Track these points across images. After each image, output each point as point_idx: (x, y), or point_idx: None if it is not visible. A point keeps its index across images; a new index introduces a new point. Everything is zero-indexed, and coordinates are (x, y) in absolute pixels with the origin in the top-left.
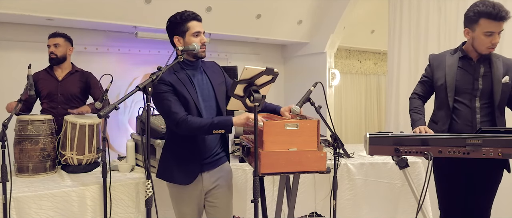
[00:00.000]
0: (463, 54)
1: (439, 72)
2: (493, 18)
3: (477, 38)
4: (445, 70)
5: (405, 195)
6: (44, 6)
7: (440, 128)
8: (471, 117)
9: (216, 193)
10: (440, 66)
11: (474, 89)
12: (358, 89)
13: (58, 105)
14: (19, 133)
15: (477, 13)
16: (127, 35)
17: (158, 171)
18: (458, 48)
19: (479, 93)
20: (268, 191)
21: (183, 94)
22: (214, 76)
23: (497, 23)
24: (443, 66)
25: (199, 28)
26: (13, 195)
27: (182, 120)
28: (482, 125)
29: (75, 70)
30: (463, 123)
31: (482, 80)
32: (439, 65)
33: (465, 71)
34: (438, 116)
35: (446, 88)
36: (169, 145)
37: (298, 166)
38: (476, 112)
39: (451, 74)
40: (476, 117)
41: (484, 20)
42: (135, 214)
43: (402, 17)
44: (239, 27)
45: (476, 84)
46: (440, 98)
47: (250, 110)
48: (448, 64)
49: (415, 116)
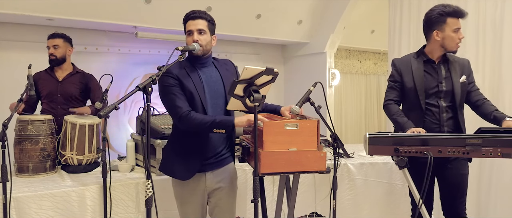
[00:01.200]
0: (426, 58)
1: (407, 76)
2: (459, 16)
3: (448, 37)
4: (413, 74)
5: (405, 195)
6: (44, 6)
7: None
8: (439, 116)
9: (219, 194)
10: (406, 70)
11: (439, 91)
12: (358, 89)
13: (57, 106)
14: (19, 133)
15: (444, 13)
16: (127, 35)
17: (161, 164)
18: (419, 52)
19: (443, 94)
20: (268, 191)
21: (189, 89)
22: (226, 75)
23: (460, 20)
24: (410, 70)
25: (191, 27)
26: (13, 195)
27: (184, 115)
28: (447, 122)
29: (76, 71)
30: (431, 121)
31: (445, 82)
32: (406, 69)
33: (429, 75)
34: (410, 117)
35: (417, 91)
36: (173, 140)
37: (298, 166)
38: (442, 111)
39: (419, 78)
40: (442, 115)
41: (451, 19)
42: (135, 214)
43: (402, 17)
44: (239, 27)
45: (440, 87)
46: (410, 100)
47: (250, 110)
48: (414, 68)
49: (401, 119)
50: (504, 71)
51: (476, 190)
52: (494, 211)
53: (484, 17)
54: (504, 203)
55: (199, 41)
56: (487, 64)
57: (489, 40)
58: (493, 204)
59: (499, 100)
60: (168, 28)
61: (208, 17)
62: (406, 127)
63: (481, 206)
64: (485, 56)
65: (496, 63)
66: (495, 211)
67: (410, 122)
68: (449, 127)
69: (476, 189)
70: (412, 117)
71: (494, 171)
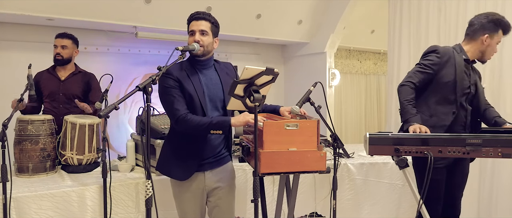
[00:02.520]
0: (466, 57)
1: (449, 69)
2: (507, 33)
3: (491, 46)
4: (456, 68)
5: (406, 195)
6: (44, 6)
7: (438, 123)
8: (466, 119)
9: (218, 193)
10: (450, 62)
11: (469, 93)
12: (358, 89)
13: (59, 105)
14: (19, 133)
15: (500, 23)
16: (127, 35)
17: (158, 163)
18: (459, 48)
19: (470, 97)
20: (268, 191)
21: (189, 92)
22: (226, 79)
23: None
24: (453, 63)
25: (194, 27)
26: (13, 195)
27: (181, 117)
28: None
29: (78, 71)
30: (458, 123)
31: (472, 86)
32: (449, 61)
33: (466, 74)
34: (438, 110)
35: (456, 87)
36: (171, 140)
37: (298, 166)
38: (468, 114)
39: (461, 74)
40: (468, 119)
41: (501, 32)
42: (135, 214)
43: (402, 17)
44: (239, 27)
45: (471, 89)
46: (443, 94)
47: (250, 110)
48: (457, 62)
49: (411, 109)
50: (505, 71)
51: (476, 190)
52: (494, 211)
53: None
54: (504, 203)
55: (200, 41)
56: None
57: None
58: (493, 204)
59: (499, 101)
60: (168, 28)
61: (212, 19)
62: (411, 120)
63: (481, 206)
64: None
65: (497, 63)
66: (495, 211)
67: (417, 117)
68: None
69: (476, 189)
70: (441, 111)
71: (494, 171)
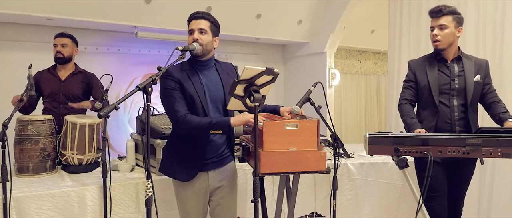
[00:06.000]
0: (439, 57)
1: (421, 75)
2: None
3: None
4: (427, 72)
5: (406, 195)
6: (44, 6)
7: (427, 126)
8: (450, 115)
9: (221, 192)
10: (420, 69)
11: (451, 89)
12: (358, 89)
13: (60, 105)
14: (19, 133)
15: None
16: (127, 35)
17: (161, 165)
18: (432, 53)
19: (456, 92)
20: (268, 191)
21: (190, 93)
22: (227, 79)
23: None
24: (424, 69)
25: (193, 26)
26: (13, 195)
27: (181, 119)
28: (458, 122)
29: (78, 71)
30: (443, 121)
31: (457, 79)
32: (419, 68)
33: (442, 73)
34: (423, 115)
35: (430, 88)
36: (173, 141)
37: (298, 166)
38: (454, 110)
39: (433, 76)
40: (454, 114)
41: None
42: (135, 214)
43: (402, 17)
44: (239, 27)
45: (452, 84)
46: (424, 98)
47: (250, 110)
48: (428, 67)
49: (410, 120)
50: (505, 72)
51: (476, 190)
52: (494, 211)
53: (484, 17)
54: (504, 203)
55: (199, 40)
56: None
57: (489, 40)
58: (493, 204)
59: None
60: (168, 28)
61: (211, 18)
62: (413, 128)
63: (481, 206)
64: (486, 57)
65: (497, 64)
66: (495, 211)
67: (417, 123)
68: (461, 126)
69: (476, 189)
70: (425, 114)
71: (494, 171)
